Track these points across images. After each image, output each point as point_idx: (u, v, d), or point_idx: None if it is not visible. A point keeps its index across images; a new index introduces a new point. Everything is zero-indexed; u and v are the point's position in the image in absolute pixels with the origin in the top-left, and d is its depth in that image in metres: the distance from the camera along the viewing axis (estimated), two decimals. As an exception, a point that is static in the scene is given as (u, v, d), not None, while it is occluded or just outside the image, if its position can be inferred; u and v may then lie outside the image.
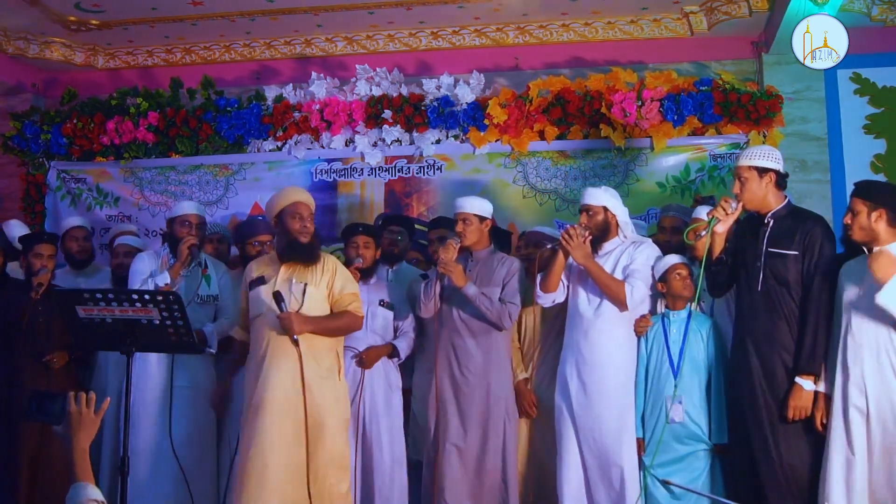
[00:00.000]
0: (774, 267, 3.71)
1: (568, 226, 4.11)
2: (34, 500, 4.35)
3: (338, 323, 3.96)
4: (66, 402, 2.32)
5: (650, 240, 4.32)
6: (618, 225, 4.17)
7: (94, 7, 6.06)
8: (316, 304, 3.94)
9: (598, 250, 4.14)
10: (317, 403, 3.80)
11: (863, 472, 3.44)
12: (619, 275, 4.09)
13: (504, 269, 4.29)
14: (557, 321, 4.39)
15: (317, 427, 3.80)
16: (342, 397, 3.98)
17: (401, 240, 4.87)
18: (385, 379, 4.49)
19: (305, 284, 3.93)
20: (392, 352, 4.52)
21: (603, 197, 4.15)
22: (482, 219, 4.33)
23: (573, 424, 4.06)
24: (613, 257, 4.14)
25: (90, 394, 2.36)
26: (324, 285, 3.98)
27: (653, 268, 4.13)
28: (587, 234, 4.04)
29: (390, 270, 4.85)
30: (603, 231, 4.14)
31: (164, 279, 4.32)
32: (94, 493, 2.21)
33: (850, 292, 3.56)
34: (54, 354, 4.49)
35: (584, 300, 4.13)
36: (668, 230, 4.55)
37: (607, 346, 4.05)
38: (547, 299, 4.19)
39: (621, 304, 4.05)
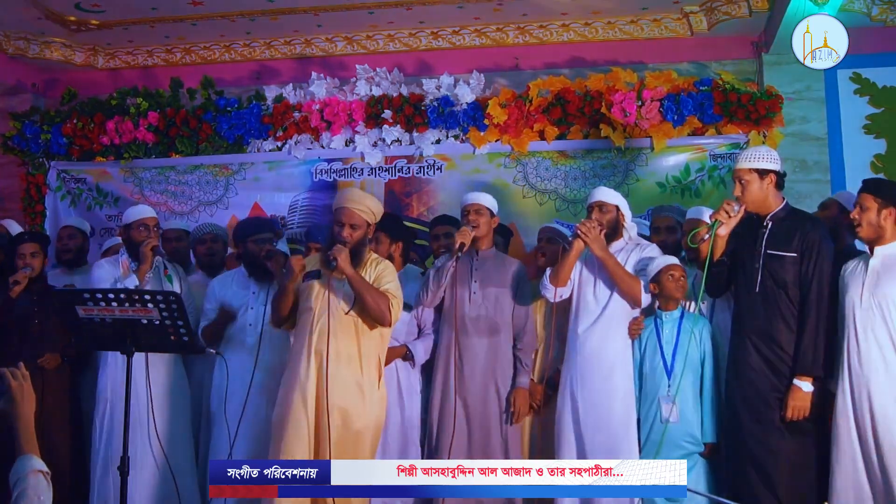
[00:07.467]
0: (773, 268, 3.72)
1: (583, 219, 4.09)
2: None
3: (373, 293, 3.74)
4: (3, 379, 2.37)
5: (653, 244, 4.30)
6: (624, 226, 4.19)
7: (94, 7, 6.06)
8: None
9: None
10: (341, 406, 3.73)
11: (868, 472, 3.45)
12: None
13: (510, 270, 4.31)
14: (557, 319, 4.37)
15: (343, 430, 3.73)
16: (377, 406, 3.87)
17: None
18: (396, 382, 4.36)
19: None
20: (406, 354, 4.40)
21: (616, 196, 4.19)
22: (492, 214, 4.37)
23: (576, 423, 4.04)
24: (621, 258, 4.14)
25: (20, 366, 2.41)
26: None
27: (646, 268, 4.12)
28: (600, 228, 4.04)
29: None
30: (613, 229, 4.15)
31: (132, 282, 4.31)
32: (38, 463, 2.24)
33: (851, 292, 3.57)
34: (46, 356, 4.50)
35: (591, 295, 4.13)
36: (664, 230, 4.55)
37: (613, 342, 4.05)
38: (555, 293, 4.09)
39: (636, 302, 4.06)
